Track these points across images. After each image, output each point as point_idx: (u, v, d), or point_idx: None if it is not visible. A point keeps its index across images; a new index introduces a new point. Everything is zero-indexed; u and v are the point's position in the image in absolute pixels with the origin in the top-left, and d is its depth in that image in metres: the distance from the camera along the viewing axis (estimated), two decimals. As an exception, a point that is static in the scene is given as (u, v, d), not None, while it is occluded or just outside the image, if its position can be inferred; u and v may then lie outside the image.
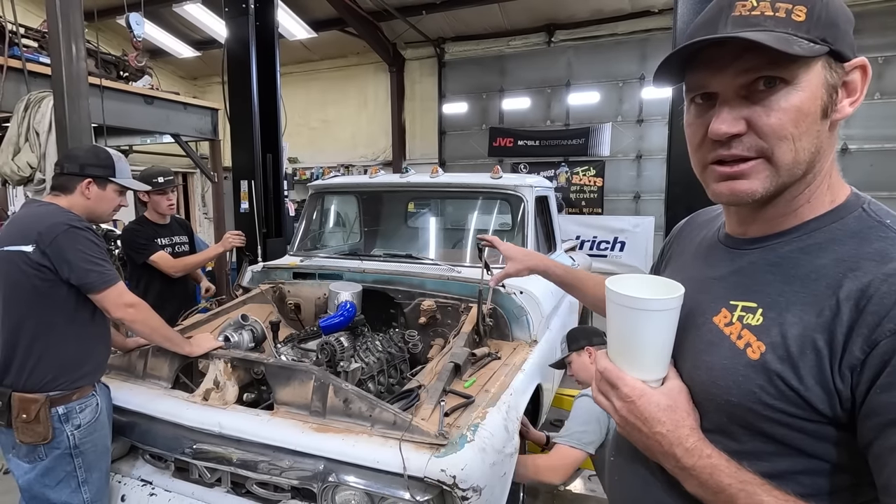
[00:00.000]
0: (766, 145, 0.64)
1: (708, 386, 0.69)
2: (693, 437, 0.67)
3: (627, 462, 0.82)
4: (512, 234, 2.98)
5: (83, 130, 3.39)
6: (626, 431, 0.73)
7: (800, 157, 0.64)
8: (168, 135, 5.49)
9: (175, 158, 9.90)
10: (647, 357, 0.71)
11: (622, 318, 0.71)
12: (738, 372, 0.65)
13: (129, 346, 2.04)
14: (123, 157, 1.94)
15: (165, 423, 1.78)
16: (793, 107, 0.62)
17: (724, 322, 0.70)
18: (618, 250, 7.94)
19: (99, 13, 4.61)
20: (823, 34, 0.61)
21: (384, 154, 10.32)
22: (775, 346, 0.63)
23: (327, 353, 2.06)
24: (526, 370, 2.02)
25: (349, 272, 2.65)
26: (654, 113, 8.21)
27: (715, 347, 0.69)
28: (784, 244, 0.69)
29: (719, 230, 0.81)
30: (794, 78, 0.62)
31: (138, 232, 2.90)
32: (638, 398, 0.69)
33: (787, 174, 0.65)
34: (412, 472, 1.39)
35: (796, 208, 0.69)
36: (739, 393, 0.65)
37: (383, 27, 9.25)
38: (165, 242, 2.99)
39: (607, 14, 8.21)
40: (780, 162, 0.64)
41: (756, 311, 0.67)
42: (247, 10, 4.17)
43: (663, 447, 0.68)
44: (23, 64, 3.75)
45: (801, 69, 0.62)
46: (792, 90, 0.62)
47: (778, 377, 0.62)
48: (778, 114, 0.63)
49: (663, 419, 0.68)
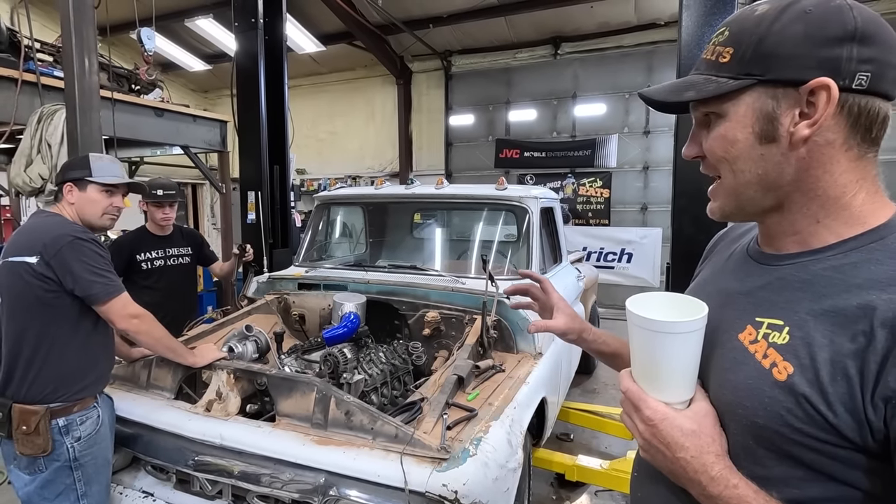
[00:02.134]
0: (715, 167, 0.72)
1: (734, 406, 0.67)
2: (719, 464, 0.64)
3: (650, 480, 0.80)
4: (517, 245, 2.97)
5: (94, 143, 3.45)
6: (649, 455, 0.70)
7: (739, 178, 0.69)
8: (178, 147, 5.57)
9: (185, 170, 10.05)
10: (671, 379, 0.69)
11: (643, 340, 0.69)
12: (763, 393, 0.63)
13: (134, 357, 2.05)
14: (111, 158, 1.91)
15: (167, 434, 1.77)
16: (719, 135, 0.70)
17: (749, 339, 0.67)
18: (625, 261, 7.89)
19: (112, 28, 4.71)
20: (748, 69, 0.66)
21: (391, 165, 10.38)
22: (804, 368, 0.60)
23: (330, 364, 2.05)
24: (530, 383, 2.00)
25: (354, 283, 2.65)
26: (660, 124, 8.20)
27: (740, 366, 0.67)
28: (817, 262, 0.66)
29: (750, 244, 0.80)
30: (723, 111, 0.69)
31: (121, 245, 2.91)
32: (660, 422, 0.67)
33: (734, 194, 0.71)
34: (413, 486, 1.37)
35: (804, 227, 0.68)
36: (766, 415, 0.62)
37: (391, 40, 9.36)
38: (155, 255, 2.96)
39: (613, 27, 8.25)
40: (726, 182, 0.72)
41: (782, 329, 0.64)
42: (256, 24, 4.24)
43: (687, 473, 0.66)
44: (37, 77, 3.83)
45: (727, 103, 0.68)
46: (721, 121, 0.70)
47: (806, 400, 0.60)
48: (710, 141, 0.71)
49: (686, 444, 0.66)
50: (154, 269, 2.96)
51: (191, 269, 3.17)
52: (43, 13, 6.78)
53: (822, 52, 0.62)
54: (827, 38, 0.62)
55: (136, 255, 2.91)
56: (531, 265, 2.73)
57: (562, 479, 2.81)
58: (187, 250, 3.13)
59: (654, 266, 7.57)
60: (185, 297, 3.13)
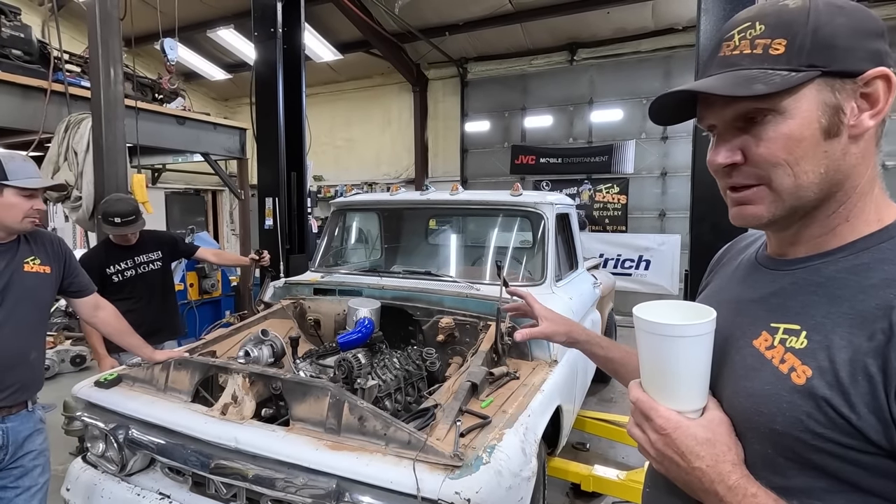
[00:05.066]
0: (763, 173, 0.66)
1: (751, 414, 0.65)
2: (736, 473, 0.63)
3: (663, 495, 0.77)
4: (532, 251, 2.95)
5: (118, 150, 3.56)
6: (662, 466, 0.69)
7: (801, 180, 0.64)
8: (198, 154, 5.69)
9: (205, 176, 10.26)
10: (682, 386, 0.67)
11: (652, 346, 0.68)
12: (782, 398, 0.61)
13: (158, 359, 2.07)
14: (23, 157, 1.82)
15: (183, 436, 1.79)
16: (782, 135, 0.63)
17: (765, 345, 0.66)
18: (643, 269, 7.78)
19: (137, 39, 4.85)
20: (811, 60, 0.62)
21: (407, 172, 10.45)
22: (823, 370, 0.59)
23: (344, 369, 2.06)
24: (545, 391, 1.98)
25: (368, 288, 2.66)
26: (678, 130, 8.09)
27: (756, 372, 0.66)
28: (829, 264, 0.66)
29: (758, 252, 0.79)
30: (780, 108, 0.63)
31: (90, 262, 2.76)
32: (673, 430, 0.66)
33: (791, 198, 0.65)
34: (426, 493, 1.36)
35: (833, 227, 0.67)
36: (785, 421, 0.61)
37: (407, 48, 9.45)
38: (125, 266, 2.88)
39: (630, 32, 8.20)
40: (780, 187, 0.65)
41: (800, 333, 0.63)
42: (275, 33, 4.33)
43: (703, 484, 0.64)
44: (65, 87, 3.96)
45: (786, 98, 0.63)
46: (780, 119, 0.63)
47: (827, 404, 0.58)
48: (767, 143, 0.64)
49: (702, 453, 0.64)
50: (126, 280, 2.87)
51: (164, 272, 3.06)
52: (72, 25, 7.02)
53: (869, 45, 0.63)
54: (868, 32, 0.63)
55: (105, 269, 2.81)
56: (546, 272, 2.71)
57: (577, 489, 2.76)
58: (157, 254, 3.01)
59: (673, 273, 7.45)
60: (163, 302, 3.05)
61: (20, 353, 1.74)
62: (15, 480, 1.76)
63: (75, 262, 1.98)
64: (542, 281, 2.67)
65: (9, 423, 1.72)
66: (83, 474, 1.99)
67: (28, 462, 1.78)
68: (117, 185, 3.54)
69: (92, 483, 1.95)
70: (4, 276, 1.70)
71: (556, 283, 2.74)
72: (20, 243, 1.78)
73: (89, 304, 2.01)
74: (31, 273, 1.78)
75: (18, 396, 1.74)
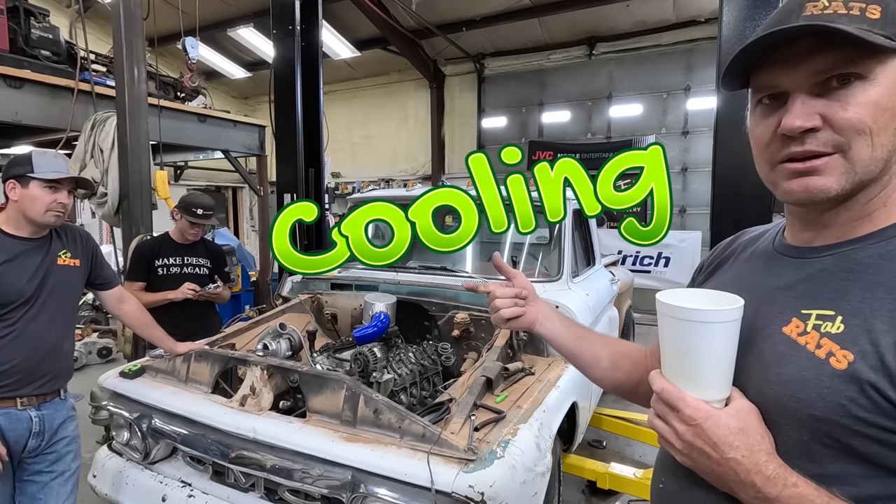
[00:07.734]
0: (844, 140, 0.62)
1: (786, 401, 0.63)
2: (772, 463, 0.61)
3: (683, 489, 0.75)
4: (549, 247, 2.93)
5: (142, 148, 3.64)
6: (690, 459, 0.66)
7: (877, 153, 0.62)
8: (219, 151, 5.78)
9: (225, 173, 10.43)
10: (710, 374, 0.66)
11: (678, 332, 0.67)
12: (822, 383, 0.60)
13: (180, 351, 2.12)
14: (54, 153, 1.84)
15: (204, 426, 1.84)
16: (871, 101, 0.61)
17: (797, 332, 0.65)
18: (662, 266, 7.65)
19: (159, 39, 4.95)
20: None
21: (423, 168, 10.46)
22: (866, 354, 0.58)
23: (360, 363, 2.08)
24: (560, 387, 1.97)
25: (384, 283, 2.68)
26: (700, 124, 7.94)
27: (790, 359, 0.64)
28: (860, 250, 0.65)
29: (775, 241, 0.78)
30: (870, 73, 0.61)
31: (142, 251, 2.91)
32: (704, 420, 0.64)
33: (863, 171, 0.63)
34: (440, 486, 1.37)
35: (871, 212, 0.66)
36: (825, 406, 0.60)
37: (424, 44, 9.45)
38: (172, 262, 2.92)
39: (651, 25, 8.06)
40: (858, 157, 0.63)
41: (835, 318, 0.62)
42: (293, 31, 4.36)
43: (739, 475, 0.62)
44: (91, 87, 4.06)
45: (878, 64, 0.61)
46: (868, 85, 0.61)
47: (872, 387, 0.57)
48: (856, 108, 0.61)
49: (736, 443, 0.62)
50: (168, 275, 2.89)
51: (206, 281, 2.99)
52: (98, 26, 7.20)
53: None
54: None
55: (154, 259, 2.88)
56: (562, 268, 2.69)
57: (593, 486, 2.74)
58: (206, 262, 3.03)
59: (693, 270, 7.32)
60: (196, 308, 2.94)
61: (54, 343, 1.80)
62: (50, 465, 1.82)
63: (101, 256, 2.04)
64: (558, 277, 2.66)
65: (44, 411, 1.78)
66: (109, 462, 2.06)
67: (62, 448, 1.84)
68: (141, 182, 3.62)
69: (117, 470, 2.01)
70: (41, 271, 1.77)
71: (573, 279, 2.72)
72: (52, 238, 1.85)
73: (114, 296, 2.07)
74: (63, 266, 1.84)
75: (53, 384, 1.81)
